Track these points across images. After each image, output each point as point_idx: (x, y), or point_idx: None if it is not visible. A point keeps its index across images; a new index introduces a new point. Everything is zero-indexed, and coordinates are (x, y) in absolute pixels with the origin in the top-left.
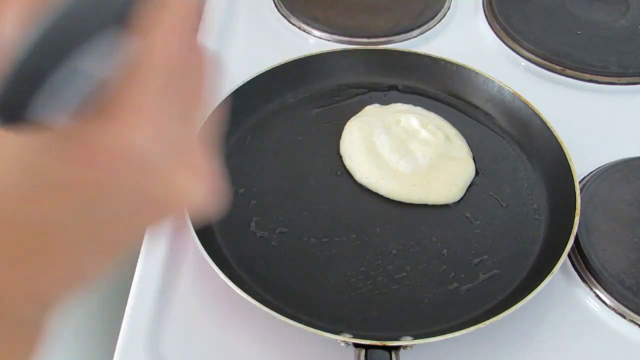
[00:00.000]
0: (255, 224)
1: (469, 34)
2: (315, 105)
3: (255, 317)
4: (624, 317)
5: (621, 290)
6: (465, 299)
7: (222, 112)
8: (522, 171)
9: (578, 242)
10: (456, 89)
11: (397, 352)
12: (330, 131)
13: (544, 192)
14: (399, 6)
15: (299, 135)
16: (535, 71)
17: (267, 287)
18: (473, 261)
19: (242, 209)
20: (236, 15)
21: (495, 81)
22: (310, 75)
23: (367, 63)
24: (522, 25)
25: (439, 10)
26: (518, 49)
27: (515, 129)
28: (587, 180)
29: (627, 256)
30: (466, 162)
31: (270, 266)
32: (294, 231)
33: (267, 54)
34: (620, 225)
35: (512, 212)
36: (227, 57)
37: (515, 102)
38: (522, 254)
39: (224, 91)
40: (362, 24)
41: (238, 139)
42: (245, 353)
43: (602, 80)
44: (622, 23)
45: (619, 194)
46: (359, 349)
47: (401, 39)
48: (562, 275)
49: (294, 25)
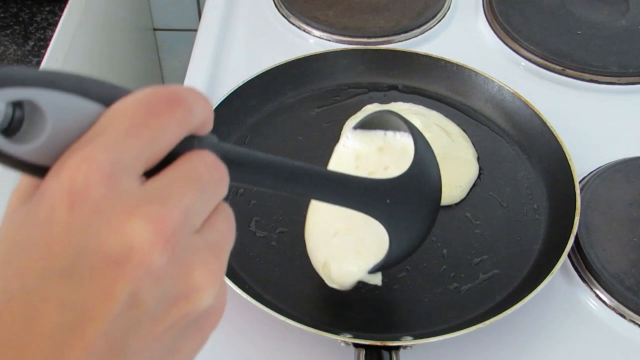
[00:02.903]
0: (255, 224)
1: (469, 34)
2: (315, 105)
3: (255, 317)
4: (624, 317)
5: (621, 290)
6: (465, 299)
7: (222, 112)
8: (522, 171)
9: (578, 242)
10: (456, 89)
11: (397, 352)
12: (330, 131)
13: (544, 192)
14: (399, 6)
15: (299, 135)
16: (535, 71)
17: (267, 287)
18: (473, 261)
19: (242, 209)
20: (236, 15)
21: (495, 81)
22: (310, 75)
23: (367, 63)
24: (522, 25)
25: (439, 10)
26: (518, 49)
27: (515, 129)
28: (587, 180)
29: (627, 256)
30: (470, 163)
31: (270, 266)
32: (294, 231)
33: (267, 54)
34: (620, 225)
35: (512, 212)
36: (227, 57)
37: (515, 102)
38: (522, 254)
39: (224, 91)
40: (362, 24)
41: (238, 139)
42: (245, 353)
43: (602, 80)
44: (622, 23)
45: (619, 194)
46: (359, 349)
47: (401, 39)
48: (562, 275)
49: (294, 25)
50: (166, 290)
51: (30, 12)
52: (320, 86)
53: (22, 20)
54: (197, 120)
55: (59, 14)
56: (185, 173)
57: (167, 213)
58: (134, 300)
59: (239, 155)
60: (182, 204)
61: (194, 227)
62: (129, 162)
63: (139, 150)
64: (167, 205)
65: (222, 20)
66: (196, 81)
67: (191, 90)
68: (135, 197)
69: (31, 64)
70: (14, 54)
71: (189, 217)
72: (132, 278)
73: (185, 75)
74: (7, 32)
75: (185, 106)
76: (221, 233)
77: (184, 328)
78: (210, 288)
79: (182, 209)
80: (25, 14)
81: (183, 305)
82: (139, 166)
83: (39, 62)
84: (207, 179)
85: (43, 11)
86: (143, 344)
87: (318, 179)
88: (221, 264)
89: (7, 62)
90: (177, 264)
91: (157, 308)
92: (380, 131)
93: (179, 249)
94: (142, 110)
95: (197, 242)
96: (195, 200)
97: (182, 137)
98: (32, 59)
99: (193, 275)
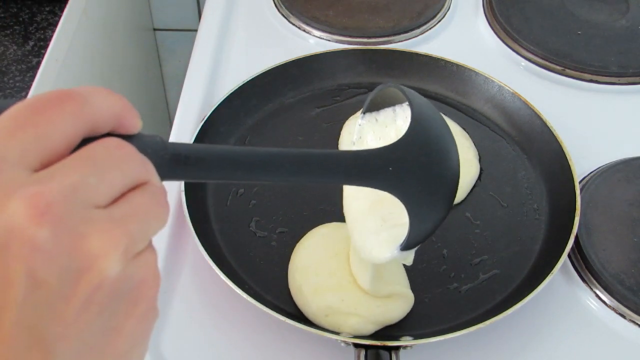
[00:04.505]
0: (255, 224)
1: (469, 34)
2: (315, 105)
3: (255, 317)
4: (624, 317)
5: (621, 290)
6: (465, 299)
7: (222, 112)
8: (522, 171)
9: (578, 242)
10: (456, 89)
11: (397, 352)
12: (330, 131)
13: (544, 192)
14: (399, 6)
15: (299, 135)
16: (535, 71)
17: (267, 287)
18: (473, 261)
19: (242, 209)
20: (236, 15)
21: (495, 81)
22: (310, 75)
23: (367, 63)
24: (522, 25)
25: (439, 10)
26: (518, 49)
27: (515, 129)
28: (587, 180)
29: (627, 256)
30: (470, 163)
31: (270, 266)
32: (294, 231)
33: (267, 54)
34: (620, 225)
35: (512, 212)
36: (227, 57)
37: (515, 102)
38: (522, 254)
39: (224, 91)
40: (362, 24)
41: (238, 139)
42: (245, 353)
43: (602, 80)
44: (622, 23)
45: (619, 194)
46: (359, 349)
47: (401, 39)
48: (562, 275)
49: (294, 25)
50: (64, 264)
51: (30, 12)
52: (320, 86)
53: (22, 20)
54: (99, 113)
55: (59, 14)
56: (78, 155)
57: (44, 189)
58: (34, 281)
59: (195, 151)
60: (66, 181)
61: (91, 202)
62: (15, 157)
63: (24, 145)
64: (46, 184)
65: (222, 20)
66: (196, 81)
67: (91, 88)
68: (19, 182)
69: (31, 64)
70: (14, 54)
71: (78, 192)
72: (21, 258)
73: (185, 75)
74: (7, 32)
75: (77, 99)
76: (133, 205)
77: (107, 304)
78: (111, 254)
79: (65, 185)
80: (25, 14)
81: (88, 278)
82: (29, 160)
83: (39, 62)
84: (103, 156)
85: (43, 11)
86: (63, 326)
87: (298, 161)
88: (125, 231)
89: (7, 62)
90: (65, 236)
91: (62, 285)
92: (389, 109)
93: (66, 221)
94: (26, 110)
95: (94, 213)
96: (86, 176)
97: (81, 129)
98: (32, 59)
99: (89, 244)
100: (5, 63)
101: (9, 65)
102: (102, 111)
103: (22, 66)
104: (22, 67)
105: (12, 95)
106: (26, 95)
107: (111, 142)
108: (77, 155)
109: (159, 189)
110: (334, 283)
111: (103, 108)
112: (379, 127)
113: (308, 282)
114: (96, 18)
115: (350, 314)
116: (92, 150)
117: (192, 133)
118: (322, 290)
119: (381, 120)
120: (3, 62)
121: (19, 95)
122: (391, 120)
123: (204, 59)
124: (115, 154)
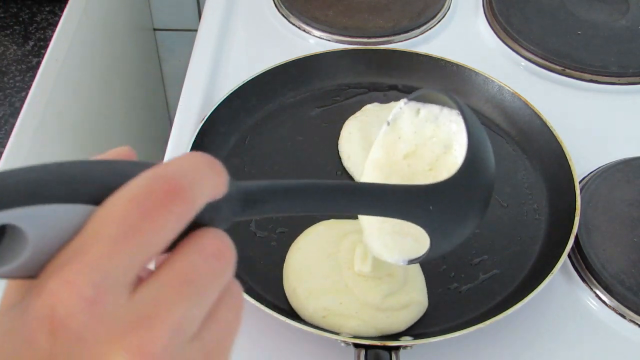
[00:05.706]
0: (255, 224)
1: (469, 34)
2: (315, 105)
3: (255, 317)
4: (624, 317)
5: (621, 290)
6: (465, 299)
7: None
8: (522, 171)
9: (578, 242)
10: (456, 89)
11: (397, 352)
12: (330, 131)
13: (544, 192)
14: (399, 6)
15: (299, 135)
16: (535, 71)
17: (267, 287)
18: (473, 261)
19: None
20: (236, 15)
21: (495, 81)
22: (310, 75)
23: (367, 63)
24: (522, 25)
25: (439, 10)
26: (518, 49)
27: (515, 129)
28: (587, 180)
29: (627, 256)
30: None
31: (270, 266)
32: (294, 231)
33: (267, 54)
34: (620, 225)
35: (512, 212)
36: (227, 57)
37: (515, 102)
38: (522, 254)
39: (224, 91)
40: (362, 24)
41: (238, 139)
42: (245, 353)
43: (602, 80)
44: (622, 23)
45: (619, 194)
46: (359, 349)
47: (401, 39)
48: (562, 275)
49: (294, 25)
50: None
51: (30, 12)
52: (320, 86)
53: (22, 20)
54: (203, 202)
55: (59, 14)
56: (178, 276)
57: (149, 339)
58: None
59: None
60: (172, 320)
61: (189, 335)
62: (117, 279)
63: (129, 261)
64: (152, 329)
65: (222, 20)
66: (196, 81)
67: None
68: (120, 320)
69: (31, 64)
70: (14, 54)
71: (182, 329)
72: None
73: (185, 75)
74: (7, 32)
75: (186, 197)
76: (225, 325)
77: None
78: None
79: (172, 325)
80: (25, 14)
81: None
82: (129, 278)
83: (39, 62)
84: (206, 275)
85: (43, 11)
86: None
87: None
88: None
89: (7, 62)
90: None
91: None
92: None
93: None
94: (134, 212)
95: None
96: (189, 308)
97: (182, 228)
98: (32, 59)
99: None
100: (5, 63)
101: (9, 65)
102: (204, 199)
103: (22, 66)
104: (22, 67)
105: (12, 95)
106: (26, 95)
107: (210, 249)
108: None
109: (239, 292)
110: (329, 285)
111: (206, 196)
112: (418, 120)
113: (302, 284)
114: (96, 18)
115: (350, 317)
116: (194, 269)
117: (192, 133)
118: (316, 293)
119: (423, 115)
120: (3, 62)
121: (19, 96)
122: (433, 118)
123: (204, 59)
124: (216, 268)
